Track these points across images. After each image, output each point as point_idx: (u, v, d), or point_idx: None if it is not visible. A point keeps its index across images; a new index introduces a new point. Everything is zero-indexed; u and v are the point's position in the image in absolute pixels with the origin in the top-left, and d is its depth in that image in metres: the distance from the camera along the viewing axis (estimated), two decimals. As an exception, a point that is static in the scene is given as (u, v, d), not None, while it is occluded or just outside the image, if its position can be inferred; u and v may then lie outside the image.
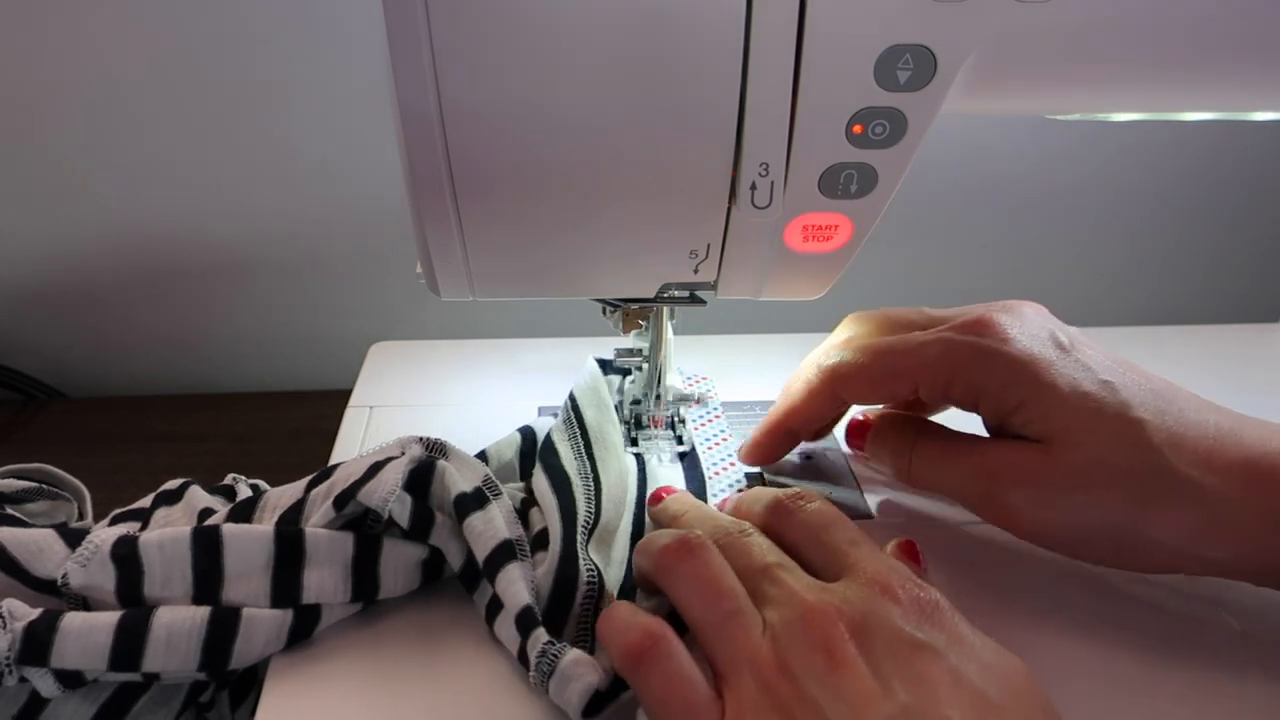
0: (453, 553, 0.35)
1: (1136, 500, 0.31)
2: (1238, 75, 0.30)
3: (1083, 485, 0.31)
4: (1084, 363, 0.33)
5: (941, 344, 0.34)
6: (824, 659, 0.27)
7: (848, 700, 0.26)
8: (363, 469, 0.34)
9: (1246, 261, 0.72)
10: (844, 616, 0.27)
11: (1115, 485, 0.31)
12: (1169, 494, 0.31)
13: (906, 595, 0.28)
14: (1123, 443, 0.31)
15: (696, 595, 0.30)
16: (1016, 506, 0.33)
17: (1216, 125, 0.64)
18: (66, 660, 0.30)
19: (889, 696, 0.25)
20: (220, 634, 0.32)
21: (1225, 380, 0.51)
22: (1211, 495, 0.30)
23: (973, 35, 0.27)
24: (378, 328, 0.60)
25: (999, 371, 0.33)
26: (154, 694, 0.34)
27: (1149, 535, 0.31)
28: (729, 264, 0.33)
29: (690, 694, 0.28)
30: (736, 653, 0.28)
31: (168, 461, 0.57)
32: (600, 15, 0.26)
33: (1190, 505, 0.31)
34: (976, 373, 0.33)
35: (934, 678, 0.26)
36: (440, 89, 0.27)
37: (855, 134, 0.29)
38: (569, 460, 0.39)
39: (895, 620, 0.27)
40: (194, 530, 0.33)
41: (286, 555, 0.33)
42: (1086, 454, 0.31)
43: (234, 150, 0.60)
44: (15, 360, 0.68)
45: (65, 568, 0.32)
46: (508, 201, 0.31)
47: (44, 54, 0.56)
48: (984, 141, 0.64)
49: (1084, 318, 0.62)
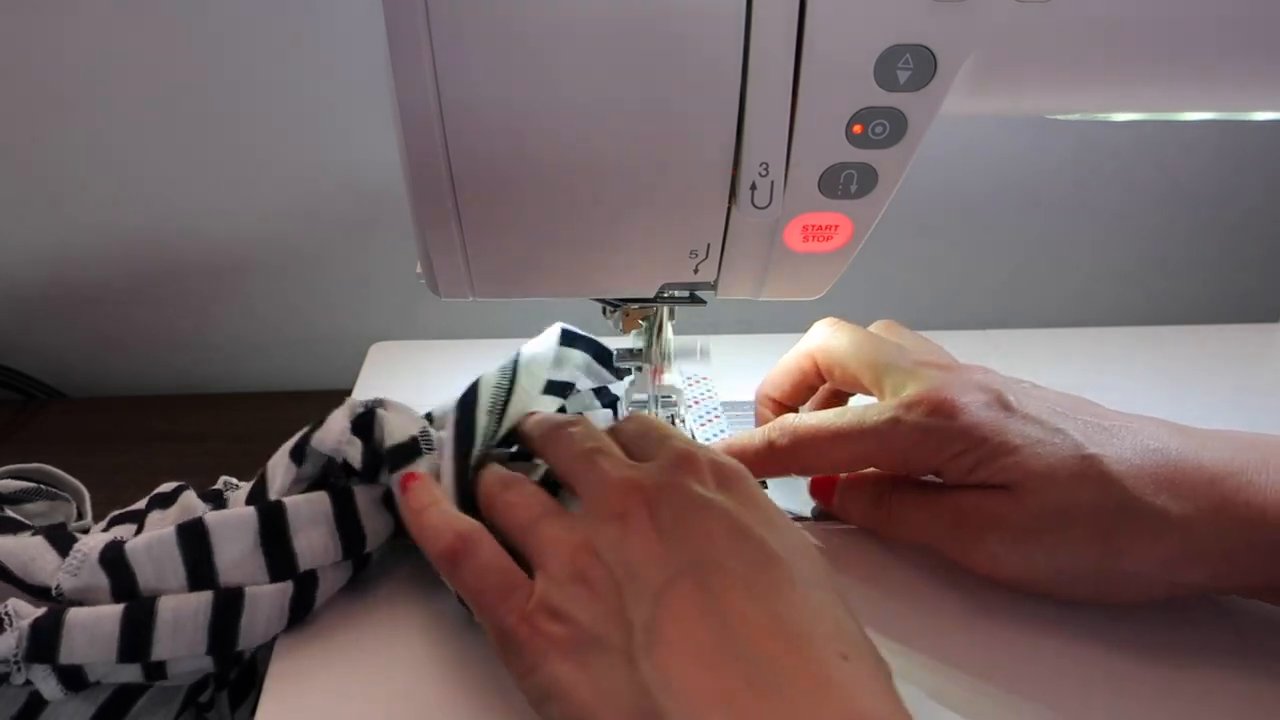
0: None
1: (1105, 535, 0.31)
2: (1238, 75, 0.30)
3: (1051, 528, 0.32)
4: (1032, 417, 0.33)
5: (894, 428, 0.34)
6: (618, 527, 0.29)
7: (637, 561, 0.28)
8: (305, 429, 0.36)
9: (1246, 261, 0.72)
10: (640, 488, 0.30)
11: (1082, 524, 0.31)
12: (1136, 525, 0.31)
13: (706, 464, 0.30)
14: (1083, 482, 0.31)
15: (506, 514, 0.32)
16: (994, 553, 0.33)
17: (1217, 125, 0.64)
18: (75, 654, 0.30)
19: (674, 554, 0.28)
20: (225, 614, 0.32)
21: (1225, 380, 0.51)
22: (1179, 521, 0.30)
23: (973, 35, 0.27)
24: (378, 328, 0.60)
25: (948, 444, 0.33)
26: (153, 694, 0.34)
27: (1122, 569, 0.31)
28: (729, 264, 0.33)
29: (502, 579, 0.30)
30: (544, 543, 0.30)
31: (168, 461, 0.57)
32: (600, 15, 0.26)
33: (1159, 533, 0.31)
34: (928, 452, 0.34)
35: (717, 533, 0.28)
36: (440, 89, 0.27)
37: (855, 134, 0.29)
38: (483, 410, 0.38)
39: (688, 485, 0.29)
40: (177, 527, 0.33)
41: (272, 528, 0.33)
42: (1050, 498, 0.32)
43: (234, 150, 0.60)
44: (15, 360, 0.68)
45: (57, 577, 0.32)
46: (508, 201, 0.31)
47: (43, 54, 0.56)
48: (985, 141, 0.64)
49: (1085, 318, 0.62)
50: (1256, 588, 0.32)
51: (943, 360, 0.37)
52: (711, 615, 0.26)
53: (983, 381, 0.35)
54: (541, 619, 0.28)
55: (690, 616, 0.26)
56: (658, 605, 0.27)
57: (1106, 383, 0.39)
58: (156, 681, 0.33)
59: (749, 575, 0.27)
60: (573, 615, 0.28)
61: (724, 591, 0.27)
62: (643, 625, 0.26)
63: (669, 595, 0.27)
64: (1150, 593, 0.32)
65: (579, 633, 0.28)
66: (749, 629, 0.26)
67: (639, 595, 0.27)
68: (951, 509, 0.34)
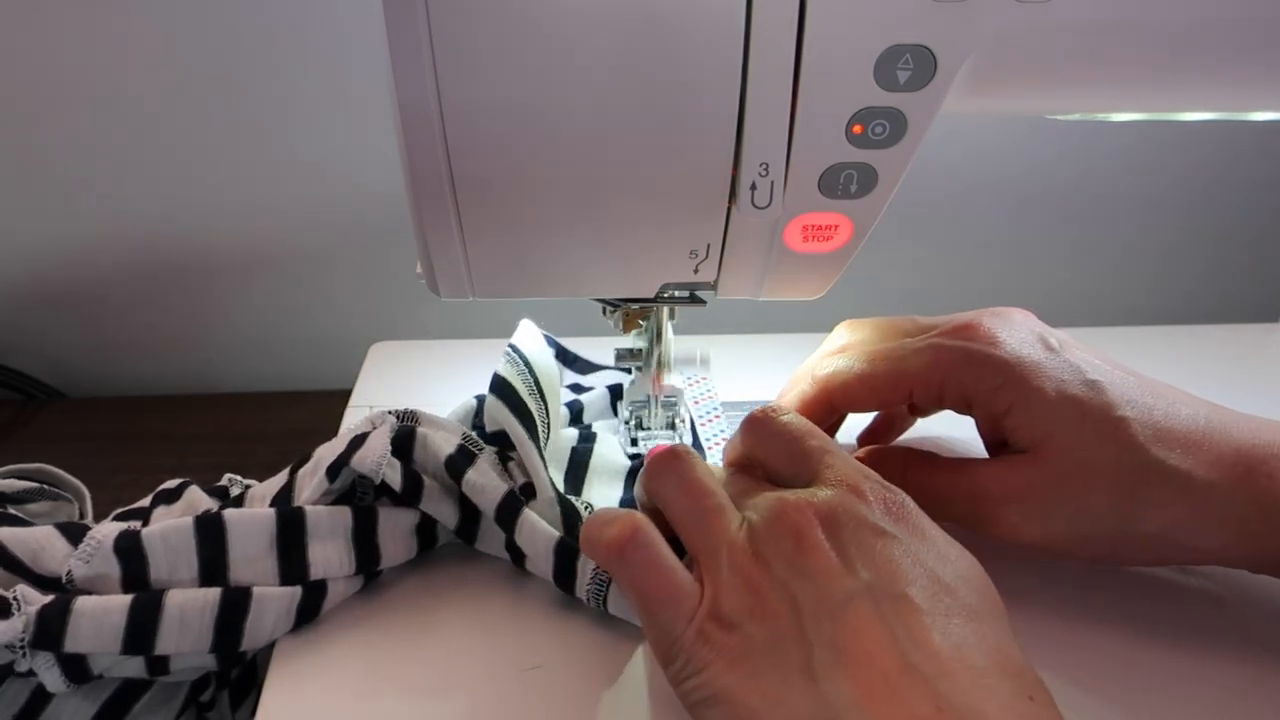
0: (445, 514, 0.36)
1: (1127, 496, 0.31)
2: (1238, 75, 0.30)
3: (1073, 490, 0.32)
4: (1072, 363, 0.34)
5: (932, 350, 0.35)
6: (793, 544, 0.28)
7: (813, 578, 0.27)
8: (344, 444, 0.35)
9: (1246, 261, 0.72)
10: (814, 509, 0.29)
11: (1104, 485, 0.32)
12: (1157, 486, 0.31)
13: (874, 494, 0.30)
14: (1108, 442, 0.32)
15: (680, 492, 0.32)
16: (1013, 522, 0.33)
17: (1216, 125, 0.64)
18: (81, 643, 0.30)
19: (852, 574, 0.27)
20: (232, 612, 0.32)
21: (1225, 380, 0.51)
22: (1200, 484, 0.31)
23: (973, 35, 0.27)
24: (378, 328, 0.60)
25: (988, 375, 0.33)
26: (155, 693, 0.34)
27: (1141, 530, 0.32)
28: (729, 264, 0.33)
29: (670, 578, 0.29)
30: (715, 542, 0.30)
31: (168, 461, 0.57)
32: (600, 15, 0.26)
33: (1179, 495, 0.31)
34: (967, 377, 0.34)
35: (895, 560, 0.27)
36: (440, 89, 0.27)
37: (855, 134, 0.29)
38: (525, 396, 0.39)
39: (861, 511, 0.29)
40: (196, 519, 0.33)
41: (289, 533, 0.34)
42: (1074, 458, 0.32)
43: (234, 150, 0.60)
44: (15, 360, 0.68)
45: (69, 564, 0.32)
46: (508, 201, 0.31)
47: (43, 54, 0.56)
48: (984, 141, 0.64)
49: (1084, 318, 0.62)
50: (1266, 562, 0.32)
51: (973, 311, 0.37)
52: (895, 639, 0.26)
53: (1023, 321, 0.36)
54: (711, 627, 0.28)
55: (873, 637, 0.26)
56: (837, 623, 0.26)
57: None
58: (159, 677, 0.33)
59: (929, 606, 0.26)
60: (745, 627, 0.27)
61: (905, 618, 0.26)
62: (824, 642, 0.26)
63: (849, 614, 0.26)
64: (1163, 555, 0.33)
65: (750, 643, 0.27)
66: (934, 658, 0.25)
67: (818, 613, 0.27)
68: (968, 484, 0.34)
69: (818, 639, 0.26)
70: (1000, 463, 0.34)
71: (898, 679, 0.25)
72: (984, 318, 0.35)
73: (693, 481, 0.32)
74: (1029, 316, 0.37)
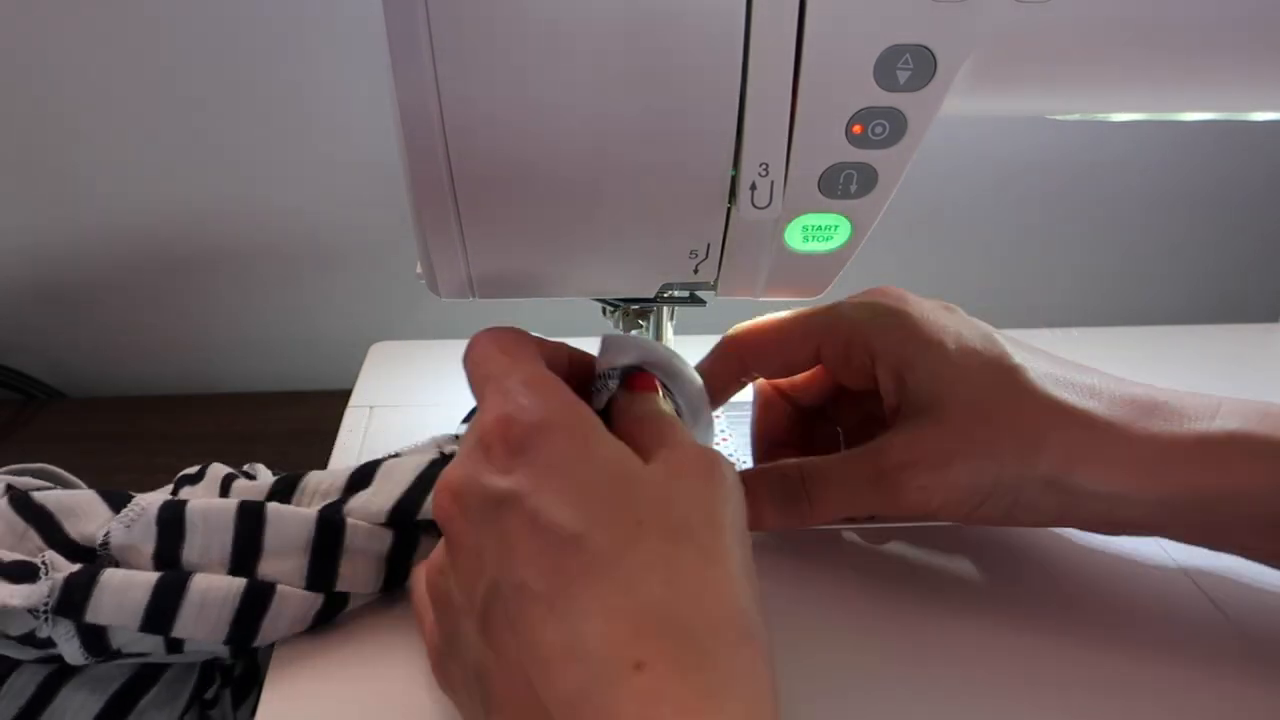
0: None
1: (1027, 437, 0.32)
2: (1238, 75, 0.30)
3: (976, 442, 0.32)
4: (971, 321, 0.35)
5: (841, 306, 0.36)
6: (448, 540, 0.27)
7: (461, 580, 0.26)
8: (407, 479, 0.35)
9: (1246, 261, 0.72)
10: (449, 491, 0.26)
11: (1004, 430, 0.32)
12: (1056, 424, 0.32)
13: (503, 434, 0.26)
14: (1006, 388, 0.32)
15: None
16: (921, 484, 0.33)
17: (1216, 125, 0.64)
18: (102, 615, 0.31)
19: (482, 570, 0.25)
20: (252, 608, 0.32)
21: (1225, 380, 0.51)
22: (1099, 421, 0.31)
23: (973, 35, 0.27)
24: (378, 328, 0.60)
25: (894, 328, 0.34)
26: (159, 689, 0.34)
27: (1040, 472, 0.32)
28: (729, 264, 0.33)
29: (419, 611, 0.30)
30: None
31: (168, 461, 0.57)
32: (600, 15, 0.26)
33: (1077, 430, 0.31)
34: (873, 330, 0.34)
35: (513, 535, 0.24)
36: (440, 89, 0.27)
37: (855, 134, 0.29)
38: None
39: (482, 480, 0.25)
40: (240, 503, 0.33)
41: (326, 541, 0.33)
42: (975, 409, 0.32)
43: (233, 150, 0.60)
44: (15, 360, 0.68)
45: (109, 527, 0.32)
46: (508, 201, 0.30)
47: (42, 52, 0.56)
48: (984, 141, 0.64)
49: (1084, 318, 0.62)
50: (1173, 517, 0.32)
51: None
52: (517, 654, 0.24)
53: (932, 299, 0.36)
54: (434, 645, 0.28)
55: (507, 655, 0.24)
56: (483, 640, 0.25)
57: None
58: (173, 656, 0.33)
59: (545, 589, 0.23)
60: (443, 643, 0.27)
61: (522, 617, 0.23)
62: (478, 663, 0.25)
63: (489, 627, 0.25)
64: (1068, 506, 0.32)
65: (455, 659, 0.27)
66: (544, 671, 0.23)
67: (470, 626, 0.25)
68: (869, 460, 0.34)
69: (472, 669, 0.25)
70: (902, 428, 0.34)
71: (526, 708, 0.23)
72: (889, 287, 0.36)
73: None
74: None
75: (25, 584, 0.31)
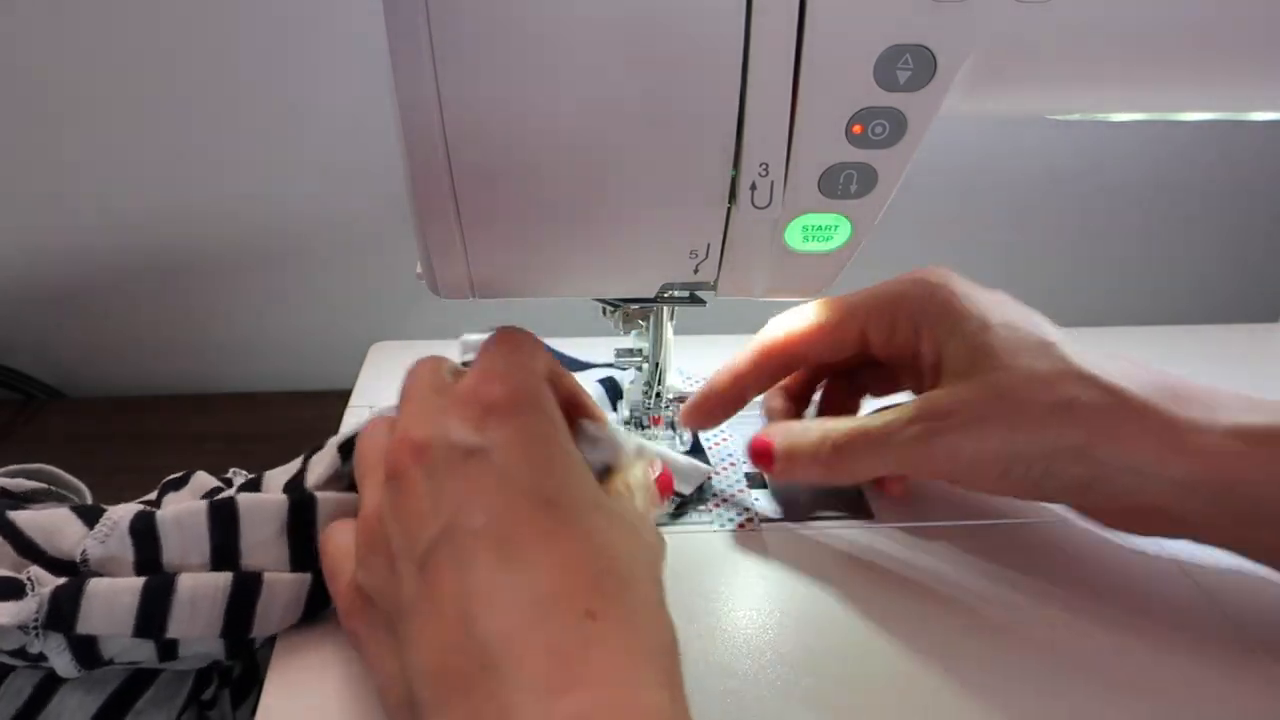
0: None
1: (1060, 404, 0.32)
2: (1238, 75, 0.30)
3: (1012, 403, 0.33)
4: (1013, 301, 0.36)
5: (886, 284, 0.37)
6: (394, 489, 0.27)
7: (405, 525, 0.26)
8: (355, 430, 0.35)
9: (1246, 261, 0.72)
10: (410, 442, 0.28)
11: (1039, 394, 0.33)
12: (1089, 392, 0.32)
13: (477, 400, 0.28)
14: (1043, 358, 0.33)
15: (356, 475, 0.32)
16: (954, 441, 0.33)
17: (1216, 125, 0.64)
18: (93, 625, 0.31)
19: (435, 514, 0.26)
20: (243, 598, 0.32)
21: (1225, 380, 0.51)
22: (1128, 395, 0.32)
23: (973, 35, 0.27)
24: (378, 328, 0.60)
25: (940, 299, 0.35)
26: (157, 689, 0.34)
27: (1069, 442, 0.32)
28: (729, 264, 0.33)
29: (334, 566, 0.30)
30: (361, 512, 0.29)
31: (167, 461, 0.57)
32: (600, 15, 0.26)
33: (1107, 401, 0.32)
34: (920, 301, 0.36)
35: (476, 483, 0.26)
36: (440, 89, 0.27)
37: (855, 134, 0.29)
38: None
39: (452, 432, 0.27)
40: (210, 503, 0.33)
41: (300, 519, 0.34)
42: (1011, 376, 0.33)
43: (233, 150, 0.60)
44: (15, 360, 0.68)
45: (84, 544, 0.32)
46: (508, 202, 0.30)
47: (42, 51, 0.56)
48: (984, 141, 0.64)
49: (1085, 318, 0.62)
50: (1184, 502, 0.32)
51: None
52: (458, 592, 0.24)
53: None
54: (351, 596, 0.28)
55: (443, 595, 0.25)
56: (420, 581, 0.25)
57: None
58: (168, 663, 0.33)
59: (502, 534, 0.25)
60: (368, 589, 0.27)
61: (473, 559, 0.25)
62: (407, 605, 0.25)
63: (429, 569, 0.25)
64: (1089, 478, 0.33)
65: (374, 608, 0.27)
66: (488, 606, 0.24)
67: (408, 569, 0.26)
68: (899, 415, 0.35)
69: (405, 601, 0.25)
70: (937, 392, 0.35)
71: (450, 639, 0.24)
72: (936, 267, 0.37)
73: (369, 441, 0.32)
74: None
75: (12, 601, 0.31)
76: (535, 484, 0.26)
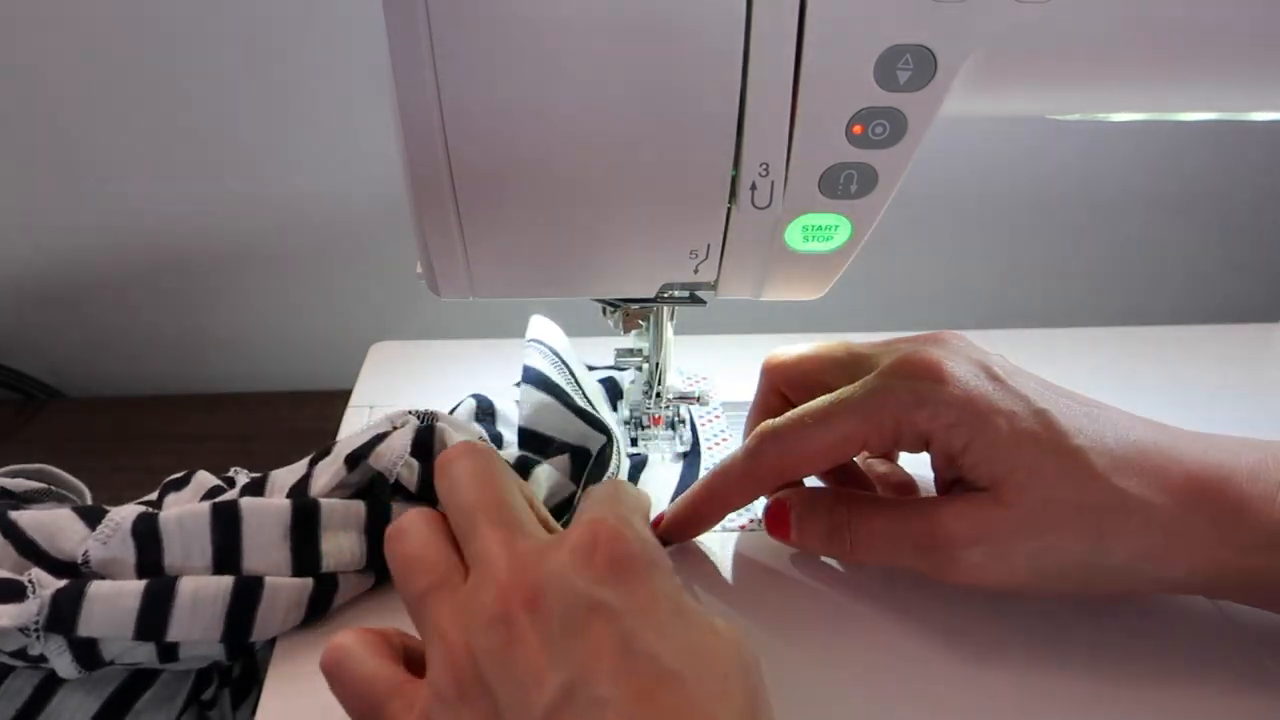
0: None
1: (1092, 530, 0.31)
2: (1238, 75, 0.30)
3: (1038, 528, 0.31)
4: (1019, 393, 0.32)
5: (882, 395, 0.33)
6: (501, 634, 0.25)
7: (518, 680, 0.24)
8: (365, 438, 0.35)
9: (1246, 261, 0.72)
10: (525, 584, 0.26)
11: (1068, 521, 0.31)
12: (1123, 519, 0.31)
13: (605, 550, 0.26)
14: (1069, 477, 0.31)
15: (399, 574, 0.29)
16: (978, 564, 0.32)
17: (1216, 125, 0.64)
18: (94, 627, 0.31)
19: (554, 671, 0.24)
20: (244, 601, 0.32)
21: (1225, 380, 0.51)
22: (1163, 514, 0.30)
23: (973, 35, 0.27)
24: (378, 328, 0.60)
25: (942, 414, 0.32)
26: (157, 690, 0.34)
27: (1108, 563, 0.31)
28: (729, 264, 0.33)
29: (369, 690, 0.27)
30: (431, 632, 0.27)
31: (167, 462, 0.57)
32: (601, 15, 0.26)
33: (1144, 527, 0.31)
34: (920, 418, 0.32)
35: (602, 645, 0.24)
36: (440, 89, 0.27)
37: (855, 134, 0.29)
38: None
39: (577, 582, 0.25)
40: (213, 505, 0.33)
41: (303, 524, 0.34)
42: (1036, 495, 0.31)
43: (233, 150, 0.60)
44: (15, 360, 0.68)
45: (86, 545, 0.32)
46: (508, 201, 0.30)
47: (42, 52, 0.56)
48: (984, 141, 0.64)
49: (1083, 318, 0.62)
50: (1225, 586, 0.32)
51: (909, 338, 0.36)
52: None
53: (964, 349, 0.34)
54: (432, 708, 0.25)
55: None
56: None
57: (1106, 383, 0.39)
58: (168, 664, 0.33)
59: (630, 708, 0.23)
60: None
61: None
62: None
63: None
64: (1128, 588, 0.32)
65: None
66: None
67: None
68: (925, 525, 0.32)
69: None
70: (961, 501, 0.32)
71: None
72: (924, 350, 0.34)
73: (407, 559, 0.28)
74: (965, 341, 0.35)
75: (13, 603, 0.31)
76: (668, 658, 0.24)
